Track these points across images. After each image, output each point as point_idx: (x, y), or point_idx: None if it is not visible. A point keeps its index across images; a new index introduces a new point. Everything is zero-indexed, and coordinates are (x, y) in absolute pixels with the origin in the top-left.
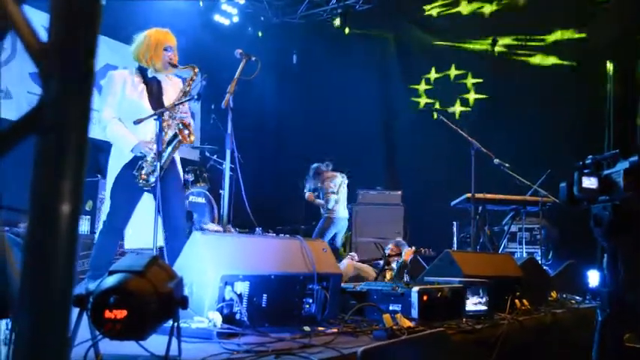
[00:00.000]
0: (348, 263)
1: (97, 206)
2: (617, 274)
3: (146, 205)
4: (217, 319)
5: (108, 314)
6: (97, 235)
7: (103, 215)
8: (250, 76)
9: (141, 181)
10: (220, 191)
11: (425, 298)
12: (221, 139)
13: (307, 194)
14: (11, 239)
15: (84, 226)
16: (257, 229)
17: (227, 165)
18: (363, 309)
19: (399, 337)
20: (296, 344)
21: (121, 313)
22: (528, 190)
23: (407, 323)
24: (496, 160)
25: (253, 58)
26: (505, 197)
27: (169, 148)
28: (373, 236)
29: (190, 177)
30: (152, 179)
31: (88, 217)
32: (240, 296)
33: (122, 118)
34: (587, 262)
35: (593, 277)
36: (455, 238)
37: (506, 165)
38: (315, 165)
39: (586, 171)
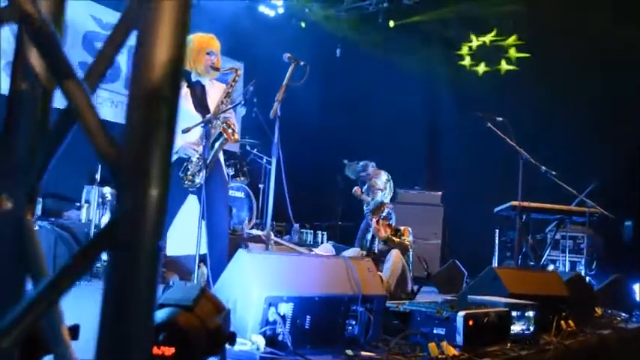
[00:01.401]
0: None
1: None
2: None
3: (189, 211)
4: (260, 342)
5: (156, 351)
6: None
7: None
8: (299, 81)
9: (187, 182)
10: (260, 185)
11: (470, 323)
12: (261, 133)
13: (355, 188)
14: (56, 233)
15: None
16: (295, 225)
17: (272, 175)
18: (405, 329)
19: None
20: None
21: (169, 350)
22: (573, 199)
23: (452, 351)
24: (543, 168)
25: (302, 63)
26: (551, 207)
27: (216, 145)
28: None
29: (230, 171)
30: (198, 180)
31: None
32: (283, 318)
33: None
34: (633, 274)
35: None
36: (496, 246)
37: (553, 173)
38: (363, 162)
39: None
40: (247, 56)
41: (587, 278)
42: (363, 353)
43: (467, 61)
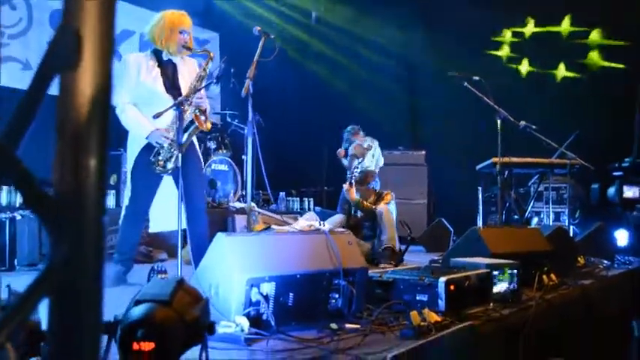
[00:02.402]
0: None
1: (122, 179)
2: None
3: (168, 188)
4: (244, 323)
5: (135, 346)
6: (120, 220)
7: (126, 200)
8: (269, 57)
9: (158, 168)
10: (243, 157)
11: (452, 287)
12: (241, 103)
13: (339, 150)
14: (39, 221)
15: (109, 200)
16: (281, 193)
17: (249, 153)
18: (388, 297)
19: (426, 335)
20: (323, 350)
21: (148, 346)
22: (554, 151)
23: (434, 318)
24: (522, 123)
25: (272, 36)
26: (532, 161)
27: (186, 135)
28: (397, 197)
29: (212, 144)
30: (169, 165)
31: (113, 191)
32: (266, 297)
33: (137, 102)
34: (615, 221)
35: (622, 237)
36: (480, 202)
37: (533, 127)
38: (351, 126)
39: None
40: (222, 27)
41: (571, 227)
42: (348, 325)
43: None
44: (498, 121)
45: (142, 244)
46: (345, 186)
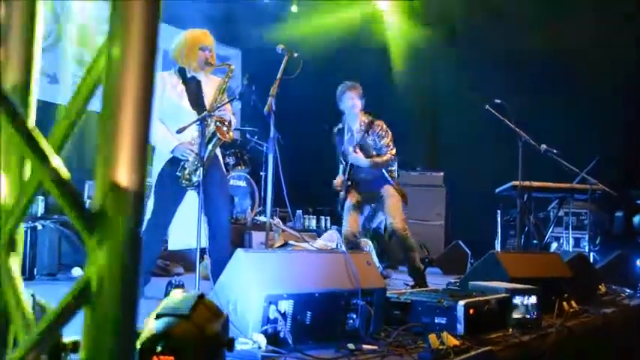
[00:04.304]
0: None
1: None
2: None
3: (190, 204)
4: (262, 341)
5: None
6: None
7: (148, 213)
8: (293, 74)
9: (184, 182)
10: (261, 173)
11: (471, 311)
12: (261, 120)
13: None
14: (60, 232)
15: None
16: (298, 211)
17: (270, 170)
18: (406, 319)
19: (445, 359)
20: None
21: None
22: (575, 176)
23: (453, 341)
24: (543, 146)
25: (295, 55)
26: (552, 185)
27: (209, 147)
28: (414, 218)
29: (231, 160)
30: (195, 179)
31: None
32: (284, 315)
33: (163, 118)
34: (637, 249)
35: None
36: (499, 226)
37: (554, 151)
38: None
39: None
40: (244, 44)
41: (592, 254)
42: (365, 346)
43: None
44: (519, 144)
45: (159, 257)
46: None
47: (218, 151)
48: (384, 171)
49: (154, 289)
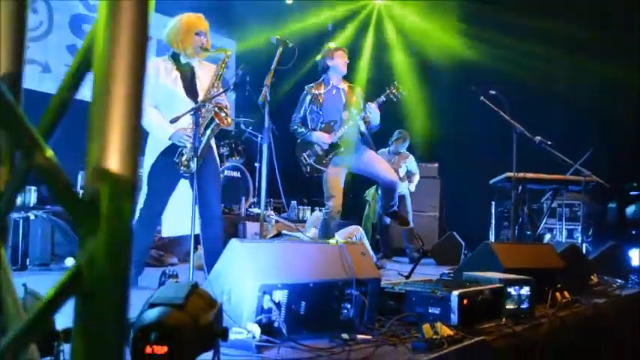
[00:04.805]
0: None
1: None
2: None
3: (182, 192)
4: (256, 330)
5: (148, 350)
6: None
7: (140, 202)
8: (288, 64)
9: (182, 168)
10: (256, 164)
11: (465, 301)
12: (255, 111)
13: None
14: (53, 222)
15: None
16: (292, 202)
17: (264, 160)
18: (400, 309)
19: (438, 349)
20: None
21: (161, 349)
22: (569, 168)
23: (447, 332)
24: (537, 138)
25: (290, 45)
26: (547, 177)
27: (208, 132)
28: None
29: (225, 150)
30: (192, 165)
31: None
32: (278, 305)
33: (157, 105)
34: (629, 240)
35: (636, 256)
36: (493, 217)
37: (549, 143)
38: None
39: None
40: (238, 34)
41: (584, 245)
42: (359, 336)
43: None
44: (514, 136)
45: (152, 247)
46: None
47: (212, 142)
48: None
49: (148, 279)
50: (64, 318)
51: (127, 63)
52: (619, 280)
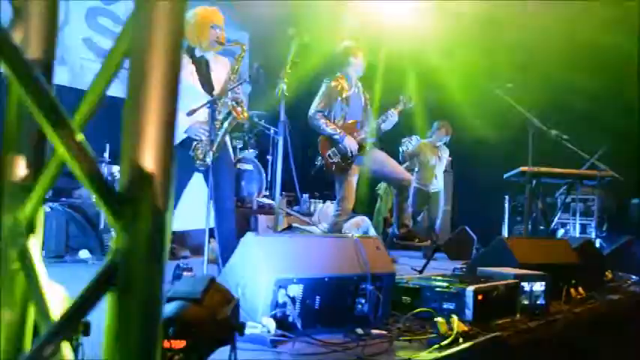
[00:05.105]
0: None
1: None
2: None
3: (195, 185)
4: (271, 325)
5: (166, 344)
6: None
7: None
8: (303, 58)
9: (197, 162)
10: (268, 157)
11: (480, 297)
12: (268, 102)
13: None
14: (67, 214)
15: None
16: (304, 195)
17: (280, 154)
18: (415, 304)
19: (454, 344)
20: (349, 356)
21: (179, 344)
22: (585, 162)
23: (461, 327)
24: (553, 132)
25: (306, 39)
26: (561, 171)
27: (225, 124)
28: None
29: (239, 144)
30: (208, 159)
31: None
32: (293, 299)
33: None
34: None
35: None
36: (506, 211)
37: (564, 137)
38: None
39: None
40: (252, 26)
41: (598, 240)
42: (374, 331)
43: None
44: (530, 130)
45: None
46: None
47: (227, 135)
48: None
49: None
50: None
51: (163, 60)
52: (634, 276)
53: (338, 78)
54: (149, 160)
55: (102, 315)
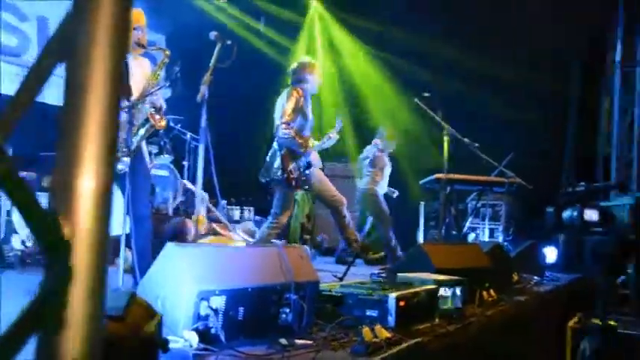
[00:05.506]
0: None
1: None
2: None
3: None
4: (193, 339)
5: None
6: None
7: None
8: (225, 62)
9: None
10: (184, 162)
11: (402, 303)
12: (186, 107)
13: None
14: None
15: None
16: (222, 201)
17: (200, 162)
18: (338, 312)
19: (378, 352)
20: None
21: None
22: (493, 169)
23: (385, 334)
24: (466, 140)
25: (229, 42)
26: (473, 178)
27: (141, 132)
28: None
29: (154, 149)
30: (120, 166)
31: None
32: (216, 311)
33: None
34: (545, 238)
35: (551, 254)
36: (421, 217)
37: (476, 145)
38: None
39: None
40: (169, 29)
41: (505, 244)
42: (298, 341)
43: None
44: (445, 138)
45: None
46: None
47: (143, 144)
48: None
49: None
50: None
51: (106, 56)
52: (535, 277)
53: (297, 90)
54: (86, 179)
55: None
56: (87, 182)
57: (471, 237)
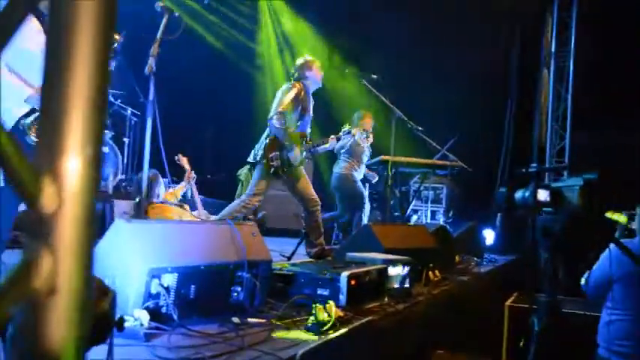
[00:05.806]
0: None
1: None
2: (555, 285)
3: None
4: (144, 317)
5: None
6: None
7: (2, 182)
8: (173, 34)
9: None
10: (125, 139)
11: (353, 282)
12: (126, 82)
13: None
14: None
15: None
16: (164, 180)
17: (148, 136)
18: (288, 291)
19: (332, 330)
20: (230, 346)
21: None
22: (437, 152)
23: (337, 313)
24: (410, 124)
25: (176, 14)
26: (418, 161)
27: None
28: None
29: None
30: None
31: None
32: (167, 289)
33: (15, 68)
34: (483, 221)
35: (489, 236)
36: (366, 200)
37: (420, 128)
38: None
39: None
40: None
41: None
42: (250, 320)
43: None
44: (392, 121)
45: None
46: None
47: None
48: None
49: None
50: None
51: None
52: (475, 259)
53: (298, 84)
54: (72, 159)
55: None
56: (73, 159)
57: (414, 219)
